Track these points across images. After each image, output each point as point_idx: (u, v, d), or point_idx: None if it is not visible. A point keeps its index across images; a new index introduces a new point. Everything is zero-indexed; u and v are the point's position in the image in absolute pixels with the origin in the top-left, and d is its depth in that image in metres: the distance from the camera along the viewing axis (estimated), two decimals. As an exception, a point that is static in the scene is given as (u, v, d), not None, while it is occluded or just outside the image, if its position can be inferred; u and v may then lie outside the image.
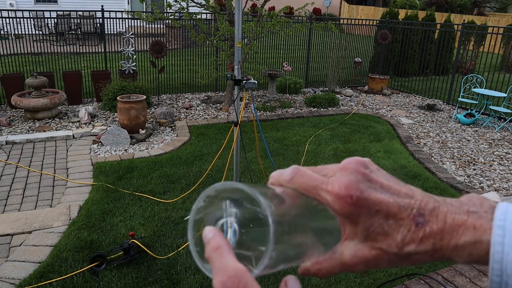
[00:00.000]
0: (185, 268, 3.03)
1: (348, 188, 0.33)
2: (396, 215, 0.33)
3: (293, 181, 0.36)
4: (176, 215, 3.74)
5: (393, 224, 0.33)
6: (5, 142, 5.41)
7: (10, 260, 3.10)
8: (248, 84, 3.06)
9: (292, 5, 9.48)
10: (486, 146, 6.09)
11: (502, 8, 28.48)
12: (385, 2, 28.76)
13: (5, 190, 4.21)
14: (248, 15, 9.50)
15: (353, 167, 0.35)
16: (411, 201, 0.34)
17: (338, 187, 0.34)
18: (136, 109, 5.62)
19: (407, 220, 0.33)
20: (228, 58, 7.01)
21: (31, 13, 8.62)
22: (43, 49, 8.15)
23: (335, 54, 9.01)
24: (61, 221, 3.62)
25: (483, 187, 4.73)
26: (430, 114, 7.80)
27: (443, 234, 0.33)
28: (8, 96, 6.66)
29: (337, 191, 0.34)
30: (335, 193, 0.34)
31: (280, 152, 5.38)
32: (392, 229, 0.33)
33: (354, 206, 0.33)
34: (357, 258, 0.35)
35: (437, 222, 0.33)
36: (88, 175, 4.58)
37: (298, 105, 7.82)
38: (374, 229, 0.34)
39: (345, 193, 0.33)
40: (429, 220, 0.33)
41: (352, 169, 0.35)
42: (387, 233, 0.34)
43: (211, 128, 6.24)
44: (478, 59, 10.57)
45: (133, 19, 7.91)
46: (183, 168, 4.76)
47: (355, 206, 0.33)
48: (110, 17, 7.87)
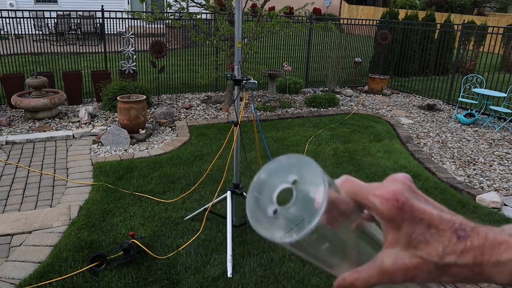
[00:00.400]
0: (185, 268, 3.03)
1: (395, 193, 0.35)
2: (438, 226, 0.35)
3: (343, 186, 0.38)
4: (176, 215, 3.74)
5: (434, 233, 0.35)
6: (5, 142, 5.41)
7: (10, 260, 3.10)
8: (248, 84, 3.06)
9: (292, 5, 9.48)
10: (486, 146, 6.09)
11: (502, 8, 28.48)
12: (385, 2, 28.76)
13: (5, 190, 4.21)
14: (248, 15, 9.50)
15: (400, 179, 0.37)
16: (453, 217, 0.35)
17: (386, 192, 0.35)
18: (136, 109, 5.62)
19: (448, 232, 0.34)
20: (228, 58, 7.01)
21: (31, 13, 8.62)
22: (43, 49, 8.15)
23: (335, 54, 9.01)
24: (61, 221, 3.62)
25: (483, 187, 4.72)
26: (430, 114, 7.80)
27: (484, 249, 0.33)
28: (8, 96, 6.66)
29: (385, 195, 0.35)
30: (383, 196, 0.35)
31: (280, 152, 5.38)
32: (434, 239, 0.34)
33: (400, 210, 0.35)
34: (397, 265, 0.35)
35: (478, 238, 0.34)
36: (88, 175, 4.58)
37: (298, 105, 7.82)
38: (416, 236, 0.35)
39: (392, 197, 0.35)
40: (470, 235, 0.34)
41: (400, 180, 0.37)
42: (428, 242, 0.34)
43: (211, 128, 6.24)
44: (478, 59, 10.57)
45: (133, 19, 7.91)
46: (183, 168, 4.76)
47: (401, 210, 0.35)
48: (110, 17, 7.87)
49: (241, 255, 3.22)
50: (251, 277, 2.98)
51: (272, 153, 5.20)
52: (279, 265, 3.12)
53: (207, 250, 3.26)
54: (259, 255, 3.23)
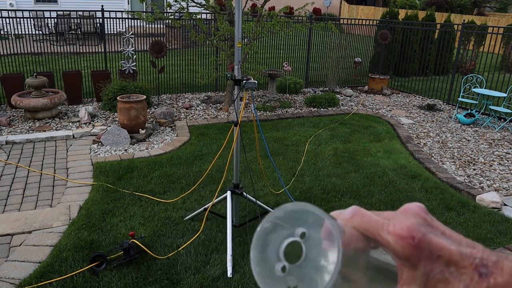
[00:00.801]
0: (185, 268, 3.03)
1: (410, 229, 0.32)
2: (458, 263, 0.32)
3: (352, 220, 0.35)
4: (176, 215, 3.74)
5: (454, 272, 0.32)
6: (5, 142, 5.41)
7: (10, 260, 3.10)
8: (248, 84, 3.06)
9: (292, 5, 9.48)
10: (486, 146, 6.09)
11: (502, 8, 28.48)
12: (385, 2, 28.76)
13: (5, 190, 4.21)
14: (248, 15, 9.50)
15: (414, 210, 0.34)
16: (473, 250, 0.32)
17: (400, 228, 0.33)
18: (136, 109, 5.62)
19: (469, 269, 0.32)
20: (228, 58, 7.01)
21: (31, 13, 8.62)
22: (43, 49, 8.15)
23: (335, 54, 9.01)
24: (61, 221, 3.62)
25: (483, 187, 4.73)
26: (430, 114, 7.80)
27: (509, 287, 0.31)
28: (8, 96, 6.66)
29: (399, 232, 0.33)
30: (397, 233, 0.33)
31: (280, 152, 5.38)
32: (453, 277, 0.32)
33: (416, 248, 0.32)
34: None
35: (502, 275, 0.31)
36: (88, 175, 4.58)
37: (298, 105, 7.82)
38: (435, 275, 0.32)
39: (408, 234, 0.32)
40: (493, 272, 0.31)
41: (414, 212, 0.34)
42: (448, 281, 0.32)
43: (211, 128, 6.24)
44: (478, 59, 10.57)
45: (133, 19, 7.91)
46: (183, 168, 4.76)
47: (417, 248, 0.32)
48: (110, 17, 7.87)
49: (241, 255, 3.22)
50: (251, 277, 2.98)
51: (272, 153, 5.20)
52: (279, 265, 3.12)
53: (207, 250, 3.26)
54: (259, 255, 3.22)
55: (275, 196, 4.16)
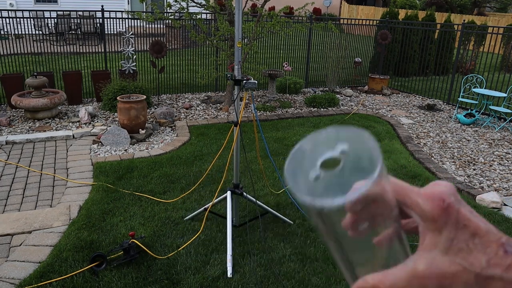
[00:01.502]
0: (185, 268, 3.03)
1: (441, 193, 0.33)
2: (483, 237, 0.32)
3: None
4: (176, 215, 3.74)
5: (479, 244, 0.32)
6: (5, 142, 5.41)
7: (10, 260, 3.10)
8: (248, 84, 3.06)
9: (292, 5, 9.47)
10: (486, 146, 6.09)
11: (502, 8, 28.48)
12: (385, 2, 28.76)
13: (5, 190, 4.21)
14: (248, 15, 9.50)
15: (445, 184, 0.34)
16: (499, 232, 0.33)
17: (431, 191, 0.33)
18: (136, 109, 5.62)
19: (494, 245, 0.32)
20: (228, 58, 7.01)
21: (31, 13, 8.62)
22: (43, 49, 8.15)
23: (335, 54, 9.01)
24: (61, 221, 3.62)
25: (483, 187, 4.73)
26: (430, 114, 7.80)
27: None
28: (8, 96, 6.66)
29: (430, 193, 0.33)
30: (428, 194, 0.33)
31: (280, 152, 5.38)
32: (477, 249, 0.32)
33: (445, 212, 0.32)
34: (433, 270, 0.32)
35: None
36: (88, 175, 4.58)
37: (298, 105, 7.82)
38: (458, 242, 0.32)
39: (439, 197, 0.33)
40: None
41: (446, 185, 0.34)
42: (471, 251, 0.32)
43: (211, 128, 6.24)
44: (478, 59, 10.58)
45: (133, 19, 7.91)
46: (183, 168, 4.76)
47: (446, 212, 0.32)
48: (110, 17, 7.87)
49: (241, 255, 3.22)
50: (251, 277, 2.98)
51: (272, 153, 5.20)
52: (279, 265, 3.12)
53: (207, 250, 3.26)
54: (259, 255, 3.23)
55: (275, 196, 4.16)
